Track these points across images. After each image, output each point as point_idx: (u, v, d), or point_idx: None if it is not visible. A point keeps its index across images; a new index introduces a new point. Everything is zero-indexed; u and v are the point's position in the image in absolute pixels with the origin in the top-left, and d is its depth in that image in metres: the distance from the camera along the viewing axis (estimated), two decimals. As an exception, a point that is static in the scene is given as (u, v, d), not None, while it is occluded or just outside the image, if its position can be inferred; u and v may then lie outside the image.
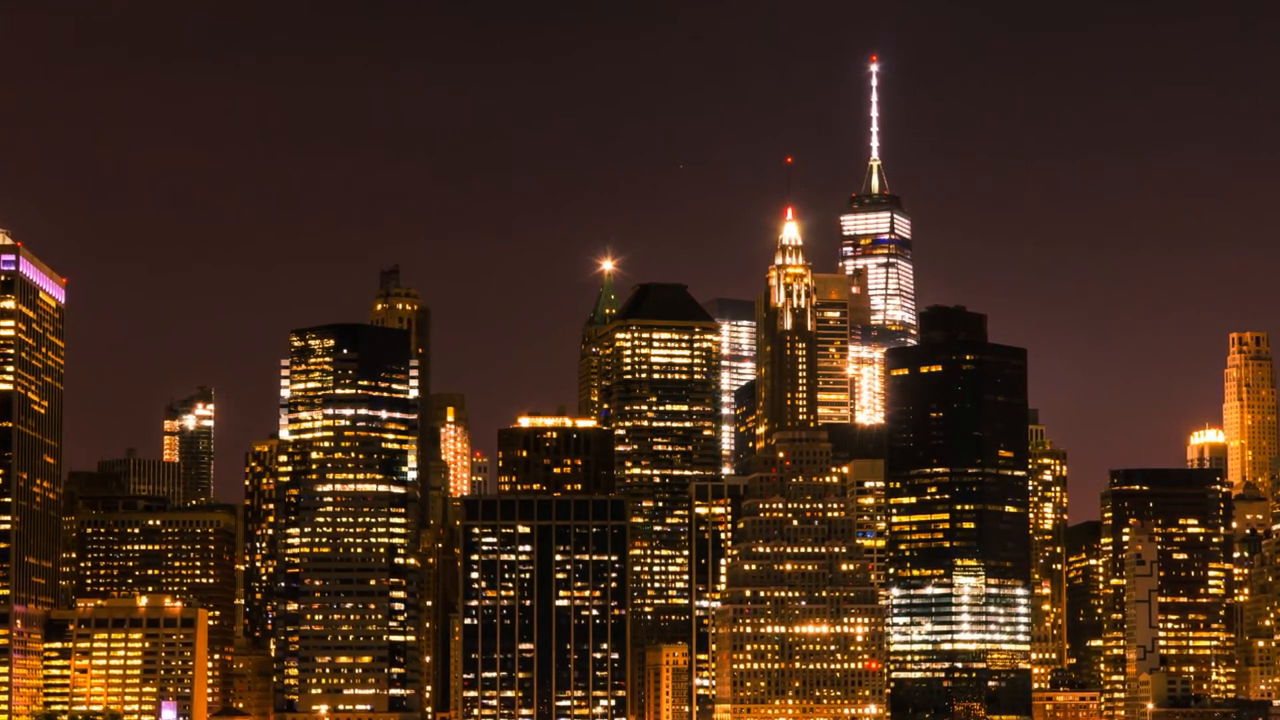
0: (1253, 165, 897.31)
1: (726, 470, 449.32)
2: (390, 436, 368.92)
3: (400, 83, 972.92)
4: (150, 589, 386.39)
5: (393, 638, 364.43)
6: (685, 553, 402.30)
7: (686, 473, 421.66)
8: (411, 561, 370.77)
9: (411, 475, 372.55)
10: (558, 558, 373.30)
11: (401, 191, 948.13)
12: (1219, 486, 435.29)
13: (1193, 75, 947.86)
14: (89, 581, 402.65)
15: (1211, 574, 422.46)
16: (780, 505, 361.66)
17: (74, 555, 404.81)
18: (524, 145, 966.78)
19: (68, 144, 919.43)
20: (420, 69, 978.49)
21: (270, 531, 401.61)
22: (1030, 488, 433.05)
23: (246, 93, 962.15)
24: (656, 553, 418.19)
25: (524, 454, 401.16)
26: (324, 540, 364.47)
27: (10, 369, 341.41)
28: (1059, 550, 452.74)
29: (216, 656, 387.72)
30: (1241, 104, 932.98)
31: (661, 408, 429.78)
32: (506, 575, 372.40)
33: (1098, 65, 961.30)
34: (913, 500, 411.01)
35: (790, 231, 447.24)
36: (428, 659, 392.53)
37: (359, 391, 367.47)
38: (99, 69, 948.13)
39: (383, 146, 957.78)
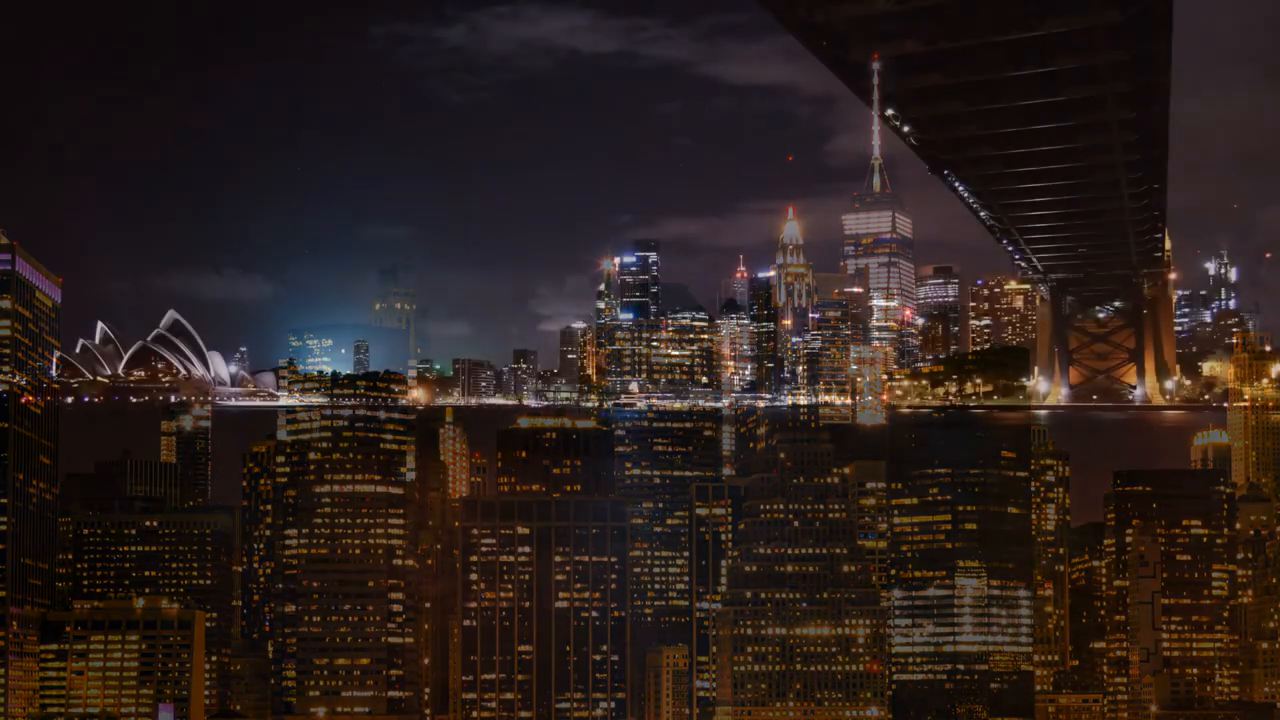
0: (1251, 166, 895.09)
1: (727, 471, 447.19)
2: (389, 437, 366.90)
3: (398, 80, 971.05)
4: (147, 591, 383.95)
5: (391, 639, 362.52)
6: (685, 554, 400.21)
7: (687, 473, 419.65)
8: (410, 563, 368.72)
9: (410, 476, 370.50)
10: (557, 559, 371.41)
11: (401, 191, 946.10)
12: (1223, 487, 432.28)
13: (1192, 75, 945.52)
14: (85, 583, 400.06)
15: (1215, 575, 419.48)
16: (781, 506, 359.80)
17: (70, 557, 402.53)
18: (523, 144, 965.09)
19: (63, 142, 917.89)
20: (417, 66, 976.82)
21: (268, 533, 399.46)
22: (1033, 489, 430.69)
23: (245, 91, 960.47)
24: (656, 554, 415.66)
25: (523, 454, 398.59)
26: (322, 542, 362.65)
27: (6, 369, 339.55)
28: (1061, 552, 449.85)
29: (214, 658, 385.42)
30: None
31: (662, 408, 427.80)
32: (505, 577, 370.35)
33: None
34: (914, 501, 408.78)
35: (791, 230, 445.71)
36: (426, 661, 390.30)
37: (357, 392, 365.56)
38: (95, 66, 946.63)
39: (381, 145, 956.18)
